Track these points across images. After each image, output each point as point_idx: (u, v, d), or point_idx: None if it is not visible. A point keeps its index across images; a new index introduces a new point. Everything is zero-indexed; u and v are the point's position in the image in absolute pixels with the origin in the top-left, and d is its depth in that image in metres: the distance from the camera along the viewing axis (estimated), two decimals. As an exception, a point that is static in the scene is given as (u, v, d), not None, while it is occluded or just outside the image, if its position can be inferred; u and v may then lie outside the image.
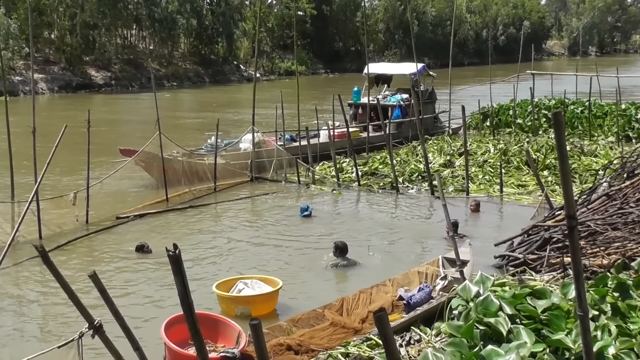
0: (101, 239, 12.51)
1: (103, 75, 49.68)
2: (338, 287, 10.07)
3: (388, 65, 31.53)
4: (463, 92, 38.24)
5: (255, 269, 10.68)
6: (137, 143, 17.50)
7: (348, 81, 44.72)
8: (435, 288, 8.77)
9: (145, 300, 9.47)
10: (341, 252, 10.91)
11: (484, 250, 11.24)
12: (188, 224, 13.58)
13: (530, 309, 6.04)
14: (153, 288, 9.93)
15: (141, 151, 15.79)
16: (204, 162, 17.17)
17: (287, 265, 10.96)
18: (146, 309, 9.16)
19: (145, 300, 9.49)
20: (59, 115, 29.98)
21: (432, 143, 20.98)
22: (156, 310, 9.08)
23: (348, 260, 10.91)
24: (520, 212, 14.10)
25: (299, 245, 12.05)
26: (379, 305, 8.34)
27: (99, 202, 14.46)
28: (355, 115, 24.13)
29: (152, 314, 8.97)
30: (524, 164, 17.68)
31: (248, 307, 8.78)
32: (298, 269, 10.77)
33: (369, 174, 17.75)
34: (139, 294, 9.74)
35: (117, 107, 38.78)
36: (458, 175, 17.06)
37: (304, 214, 13.75)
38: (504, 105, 26.90)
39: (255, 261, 11.16)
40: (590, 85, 23.76)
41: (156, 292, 9.77)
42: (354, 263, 10.89)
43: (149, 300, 9.46)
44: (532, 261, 9.75)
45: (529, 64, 31.06)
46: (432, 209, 14.91)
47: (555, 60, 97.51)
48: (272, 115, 20.10)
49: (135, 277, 10.42)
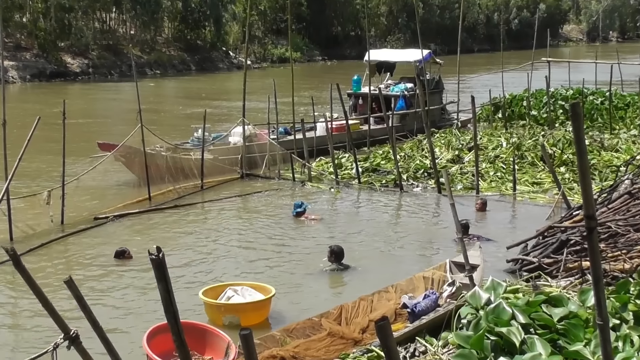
0: (78, 241, 12.49)
1: (80, 63, 49.60)
2: (336, 294, 10.08)
3: (391, 51, 31.50)
4: (473, 81, 38.26)
5: (246, 274, 10.68)
6: (117, 137, 17.47)
7: (347, 69, 44.72)
8: (442, 295, 8.78)
9: (126, 308, 9.46)
10: (337, 257, 10.91)
11: (496, 253, 11.25)
12: (173, 225, 13.57)
13: (546, 318, 6.05)
14: (135, 295, 9.93)
15: (121, 145, 15.78)
16: (190, 157, 17.16)
17: (280, 271, 10.96)
18: (127, 318, 9.15)
19: (126, 308, 9.49)
20: (31, 106, 29.94)
21: (439, 137, 20.97)
22: (138, 319, 9.08)
23: (343, 266, 10.90)
24: (535, 212, 14.11)
25: (294, 248, 12.05)
26: (380, 313, 8.34)
27: (76, 201, 14.44)
28: (355, 107, 24.11)
29: (133, 323, 8.96)
30: (539, 159, 17.69)
31: (237, 316, 8.78)
32: (292, 275, 10.78)
33: (370, 171, 17.75)
34: (119, 301, 9.73)
35: (95, 97, 38.74)
36: (467, 172, 17.07)
37: (296, 211, 13.74)
38: (517, 95, 26.90)
39: (246, 266, 11.17)
40: (611, 73, 23.77)
41: (138, 299, 9.76)
42: (345, 267, 10.88)
43: (130, 308, 9.46)
44: (548, 265, 9.76)
45: (544, 50, 31.09)
46: (439, 208, 14.92)
47: (573, 47, 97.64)
48: (264, 106, 20.10)
49: (116, 283, 10.41)
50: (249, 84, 18.34)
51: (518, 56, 46.57)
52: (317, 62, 68.34)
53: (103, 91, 41.38)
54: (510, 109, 26.16)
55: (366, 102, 22.99)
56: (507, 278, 9.59)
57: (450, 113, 26.53)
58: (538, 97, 26.28)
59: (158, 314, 8.35)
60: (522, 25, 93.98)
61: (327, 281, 10.66)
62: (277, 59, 63.96)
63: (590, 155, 17.38)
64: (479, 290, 6.97)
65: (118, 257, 11.35)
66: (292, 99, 19.46)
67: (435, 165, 16.30)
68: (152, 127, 16.70)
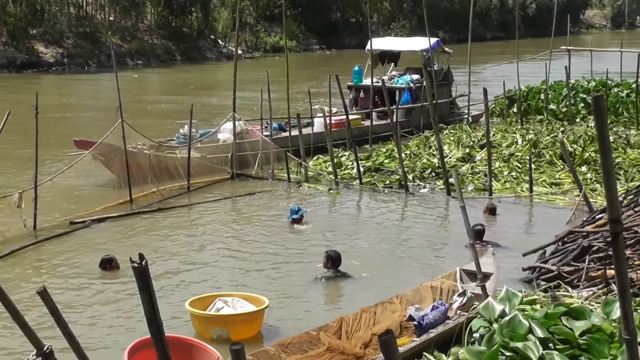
0: (52, 248, 12.47)
1: (53, 52, 49.55)
2: (336, 306, 10.08)
3: (395, 40, 31.54)
4: (485, 72, 38.29)
5: (237, 284, 10.68)
6: (95, 133, 17.46)
7: (347, 59, 44.71)
8: (452, 306, 8.77)
9: (106, 321, 9.45)
10: (333, 263, 10.90)
11: (510, 261, 11.25)
12: (156, 230, 13.56)
13: (566, 332, 6.06)
14: (116, 306, 9.91)
15: (100, 143, 15.76)
16: (175, 155, 17.15)
17: (274, 280, 10.96)
18: (106, 331, 9.14)
19: (106, 321, 9.48)
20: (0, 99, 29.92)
21: (448, 133, 20.98)
22: (119, 333, 9.07)
23: (340, 273, 10.89)
24: (554, 215, 14.11)
25: (289, 256, 12.05)
26: (384, 327, 8.34)
27: (50, 204, 14.42)
28: (356, 100, 24.12)
29: (113, 337, 8.95)
30: (558, 158, 17.71)
31: (226, 329, 8.78)
32: (287, 284, 10.77)
33: (373, 171, 17.75)
34: (98, 313, 9.72)
35: (70, 89, 38.71)
36: (479, 172, 17.08)
37: (293, 217, 13.72)
38: (534, 87, 26.93)
39: (237, 275, 11.17)
40: (638, 63, 23.79)
41: (119, 311, 9.75)
42: (346, 277, 10.88)
43: (110, 321, 9.45)
44: (568, 274, 9.76)
45: (564, 38, 31.07)
46: (448, 211, 14.92)
47: (596, 34, 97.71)
48: (256, 99, 20.08)
49: (94, 293, 10.40)
50: (240, 75, 18.34)
51: (535, 44, 46.64)
52: (315, 51, 68.34)
53: (79, 83, 41.35)
54: (527, 103, 26.17)
55: (368, 95, 23.01)
56: (523, 288, 9.59)
57: (461, 107, 26.55)
58: (557, 89, 26.31)
59: (141, 327, 8.34)
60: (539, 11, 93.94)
61: (325, 291, 10.65)
62: (270, 48, 63.93)
63: (614, 153, 17.38)
64: (493, 301, 6.97)
65: (104, 266, 11.16)
66: (287, 92, 19.45)
67: (444, 164, 16.30)
68: (133, 122, 16.67)
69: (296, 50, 63.62)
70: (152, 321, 3.60)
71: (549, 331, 6.05)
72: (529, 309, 7.10)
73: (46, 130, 15.44)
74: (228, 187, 17.02)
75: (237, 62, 18.49)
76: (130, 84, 37.56)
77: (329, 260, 10.94)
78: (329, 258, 10.96)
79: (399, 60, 26.13)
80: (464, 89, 26.53)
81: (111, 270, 11.11)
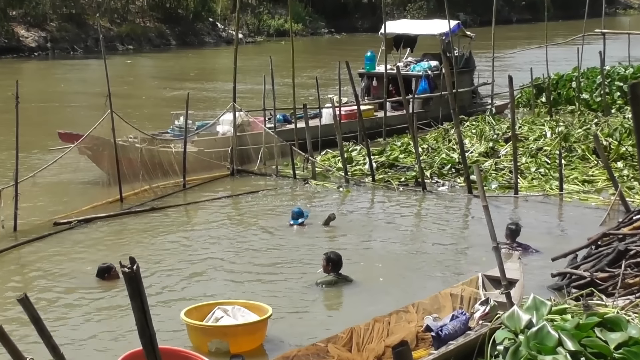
0: (34, 251, 12.50)
1: (36, 36, 49.64)
2: (346, 315, 10.06)
3: (411, 23, 31.48)
4: (511, 58, 38.20)
5: (237, 290, 10.69)
6: (81, 125, 17.48)
7: (359, 44, 44.68)
8: (474, 316, 8.77)
9: (93, 331, 9.47)
10: (334, 266, 10.88)
11: (538, 266, 11.23)
12: (149, 231, 13.58)
13: (600, 345, 6.05)
14: (104, 315, 9.93)
15: (87, 136, 15.78)
16: (170, 150, 17.18)
17: (278, 286, 10.96)
18: (94, 343, 9.17)
19: (93, 331, 9.49)
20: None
21: (469, 125, 20.95)
22: (107, 344, 9.09)
23: (342, 277, 10.86)
24: (586, 216, 14.09)
25: (294, 260, 12.05)
26: (399, 338, 8.33)
27: (32, 203, 14.44)
28: (368, 89, 24.10)
29: (102, 349, 8.98)
30: (591, 152, 17.66)
31: (225, 341, 8.78)
32: (292, 291, 10.77)
33: (387, 167, 17.75)
34: (84, 322, 9.74)
35: (55, 77, 38.79)
36: (504, 168, 17.05)
37: (297, 222, 13.66)
38: (565, 75, 26.85)
39: (237, 281, 11.17)
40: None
41: (108, 320, 9.77)
42: (347, 281, 10.86)
43: (97, 331, 9.46)
44: (602, 281, 9.73)
45: (598, 20, 30.99)
46: (469, 211, 14.90)
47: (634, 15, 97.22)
48: (259, 89, 20.11)
49: (80, 301, 10.42)
50: (241, 62, 18.34)
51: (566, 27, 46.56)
52: (323, 35, 68.30)
53: (65, 70, 41.44)
54: (557, 92, 26.10)
55: (381, 83, 22.97)
56: (553, 296, 9.58)
57: (483, 97, 26.49)
58: (590, 77, 26.21)
59: (132, 338, 8.35)
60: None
61: (334, 299, 10.65)
62: (274, 31, 63.91)
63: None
64: (518, 311, 6.97)
65: (102, 275, 11.03)
66: (293, 80, 19.46)
67: (465, 159, 16.28)
68: (124, 113, 16.70)
69: (302, 34, 63.59)
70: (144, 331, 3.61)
71: (581, 344, 6.04)
72: (559, 319, 7.10)
73: (28, 122, 15.47)
74: (228, 184, 17.03)
75: (237, 47, 18.47)
76: (121, 71, 37.61)
77: (329, 262, 10.89)
78: (329, 260, 10.91)
79: (416, 45, 26.06)
80: (487, 76, 26.47)
81: (110, 280, 10.97)
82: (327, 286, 10.80)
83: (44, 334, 4.30)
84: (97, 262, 11.59)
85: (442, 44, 22.38)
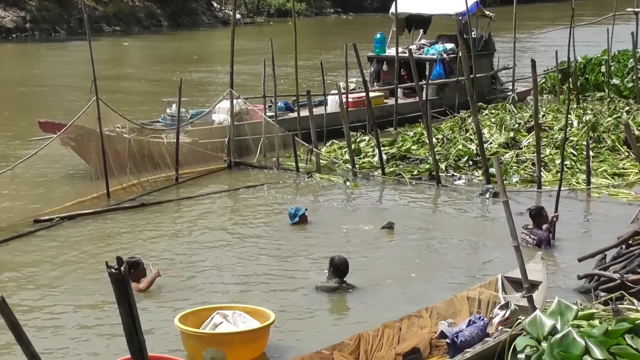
0: (12, 250, 12.51)
1: (14, 16, 49.69)
2: (353, 320, 10.08)
3: (425, 1, 31.39)
4: (534, 40, 38.14)
5: (234, 294, 10.71)
6: (65, 114, 17.51)
7: (368, 26, 44.66)
8: (493, 321, 8.77)
9: (77, 338, 9.49)
10: (336, 272, 10.82)
11: (563, 267, 11.22)
12: (138, 229, 13.59)
13: (631, 353, 6.05)
14: (91, 320, 9.93)
15: (71, 125, 15.79)
16: (161, 140, 17.18)
17: (278, 289, 10.97)
18: (78, 350, 9.18)
19: (78, 337, 9.51)
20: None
21: (488, 114, 20.93)
22: (93, 350, 9.10)
23: (346, 285, 10.80)
24: (616, 212, 14.08)
25: (297, 260, 12.07)
26: (411, 345, 8.35)
27: (11, 199, 14.48)
28: (377, 74, 24.10)
29: (86, 357, 8.99)
30: (621, 143, 17.64)
31: (221, 350, 8.75)
32: (295, 295, 10.78)
33: (398, 159, 17.75)
34: (68, 329, 9.75)
35: (35, 60, 38.84)
36: (526, 160, 17.04)
37: (293, 222, 13.67)
38: (593, 58, 26.80)
39: (234, 283, 11.18)
40: None
41: (93, 326, 9.78)
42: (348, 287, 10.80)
43: (83, 338, 9.48)
44: (633, 283, 9.73)
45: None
46: (487, 207, 14.89)
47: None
48: (258, 74, 20.10)
49: (62, 305, 10.42)
50: (239, 45, 18.36)
51: (595, 6, 46.42)
52: (329, 15, 68.30)
53: (46, 53, 41.51)
54: (584, 77, 26.06)
55: (392, 68, 22.96)
56: (579, 299, 9.57)
57: (504, 83, 26.46)
58: (621, 60, 26.17)
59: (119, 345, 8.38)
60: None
61: (341, 303, 10.65)
62: (275, 11, 63.91)
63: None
64: (541, 316, 6.97)
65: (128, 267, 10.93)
66: (296, 65, 19.44)
67: (484, 151, 16.28)
68: (111, 101, 16.70)
69: (306, 14, 63.61)
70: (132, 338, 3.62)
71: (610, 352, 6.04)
72: (586, 325, 7.10)
73: (5, 110, 15.50)
74: (224, 178, 17.04)
75: (234, 28, 18.46)
76: (107, 54, 37.62)
77: (331, 266, 10.87)
78: (330, 265, 10.89)
79: (430, 26, 26.07)
80: (508, 60, 26.43)
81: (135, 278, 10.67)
82: (326, 292, 10.77)
83: (23, 341, 4.30)
84: (80, 263, 11.64)
85: (459, 25, 22.32)
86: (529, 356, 6.56)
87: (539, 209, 12.67)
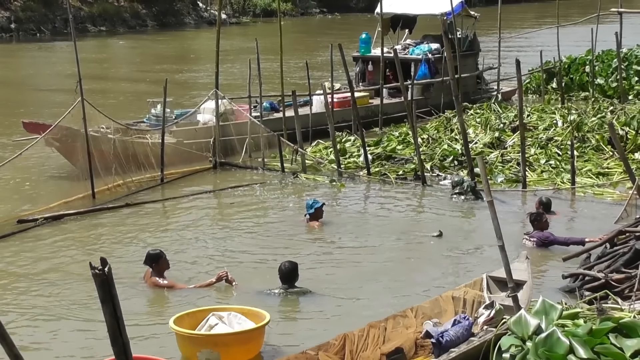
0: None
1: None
2: (338, 320, 10.06)
3: (410, 1, 31.42)
4: (519, 40, 38.22)
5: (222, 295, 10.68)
6: (49, 114, 17.46)
7: (353, 25, 44.69)
8: (478, 320, 8.78)
9: (64, 340, 9.46)
10: (284, 278, 10.70)
11: (548, 266, 11.25)
12: (123, 230, 13.56)
13: (615, 352, 6.07)
14: (80, 323, 9.89)
15: (55, 126, 15.74)
16: (146, 141, 17.14)
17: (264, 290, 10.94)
18: (64, 352, 9.15)
19: (64, 339, 9.49)
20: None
21: (473, 113, 20.95)
22: (77, 352, 9.08)
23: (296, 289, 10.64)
24: (601, 211, 14.12)
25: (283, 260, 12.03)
26: (395, 345, 8.35)
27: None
28: (363, 74, 24.09)
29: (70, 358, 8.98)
30: (606, 143, 17.69)
31: (215, 352, 8.72)
32: (281, 296, 10.74)
33: (383, 158, 17.76)
34: (54, 331, 9.72)
35: (19, 61, 38.71)
36: (511, 160, 17.07)
37: (309, 212, 13.56)
38: (578, 58, 26.86)
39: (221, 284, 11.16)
40: None
41: (78, 327, 9.75)
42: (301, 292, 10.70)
43: (69, 341, 9.45)
44: (618, 282, 9.76)
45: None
46: (473, 207, 14.91)
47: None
48: (243, 74, 20.08)
49: (46, 306, 10.38)
50: (224, 45, 18.34)
51: (580, 6, 46.57)
52: (314, 15, 68.26)
53: (30, 54, 41.35)
54: (569, 77, 26.12)
55: (378, 68, 22.98)
56: (564, 299, 9.59)
57: (489, 82, 26.51)
58: (605, 60, 26.24)
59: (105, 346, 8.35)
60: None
61: (325, 304, 10.63)
62: (261, 11, 63.81)
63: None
64: (526, 315, 6.98)
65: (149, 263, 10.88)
66: (281, 65, 19.41)
67: (469, 151, 16.28)
68: (95, 101, 16.65)
69: (292, 14, 63.54)
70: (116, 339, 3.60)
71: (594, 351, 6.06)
72: (570, 325, 7.11)
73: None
74: (210, 178, 17.02)
75: (220, 28, 18.43)
76: (92, 54, 37.48)
77: (280, 273, 10.70)
78: (280, 272, 10.71)
79: (415, 26, 26.08)
80: (493, 60, 26.47)
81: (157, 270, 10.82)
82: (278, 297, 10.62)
83: (6, 342, 4.28)
84: (64, 264, 11.62)
85: (444, 25, 22.36)
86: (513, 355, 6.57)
87: (539, 214, 12.65)
